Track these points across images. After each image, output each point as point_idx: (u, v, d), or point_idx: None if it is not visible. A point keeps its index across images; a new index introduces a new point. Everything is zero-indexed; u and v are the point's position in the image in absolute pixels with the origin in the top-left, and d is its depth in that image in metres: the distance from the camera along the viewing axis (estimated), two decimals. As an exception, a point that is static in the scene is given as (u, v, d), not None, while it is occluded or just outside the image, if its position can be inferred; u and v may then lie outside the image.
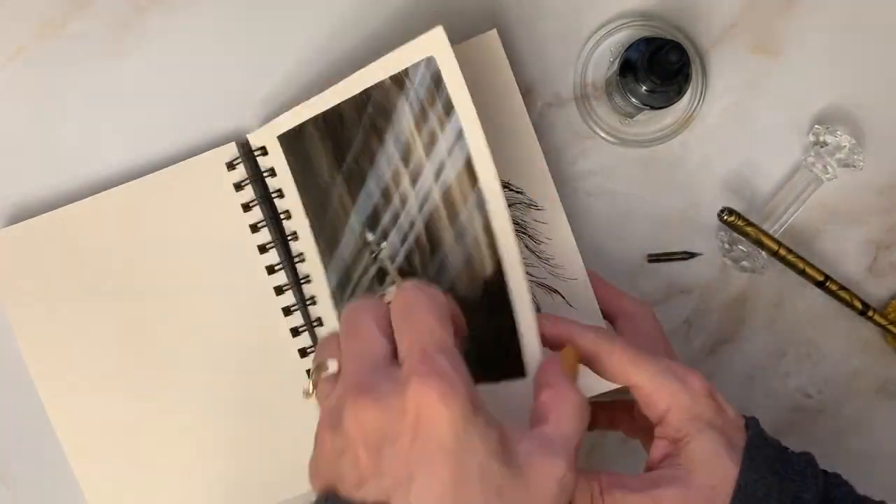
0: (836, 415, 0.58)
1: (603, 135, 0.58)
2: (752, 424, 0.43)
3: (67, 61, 0.59)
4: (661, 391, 0.42)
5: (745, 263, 0.56)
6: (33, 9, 0.59)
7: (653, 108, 0.54)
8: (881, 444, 0.58)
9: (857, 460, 0.57)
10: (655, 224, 0.58)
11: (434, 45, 0.46)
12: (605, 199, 0.58)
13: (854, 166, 0.55)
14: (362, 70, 0.49)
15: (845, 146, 0.55)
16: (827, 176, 0.56)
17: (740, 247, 0.56)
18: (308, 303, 0.53)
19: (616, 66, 0.55)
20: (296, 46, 0.59)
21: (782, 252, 0.54)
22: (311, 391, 0.40)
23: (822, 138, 0.55)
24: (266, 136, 0.53)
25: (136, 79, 0.59)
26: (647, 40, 0.54)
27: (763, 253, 0.55)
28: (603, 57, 0.57)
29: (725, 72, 0.57)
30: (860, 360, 0.58)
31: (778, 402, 0.58)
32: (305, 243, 0.52)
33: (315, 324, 0.53)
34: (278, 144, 0.53)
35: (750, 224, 0.54)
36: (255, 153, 0.54)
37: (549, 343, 0.44)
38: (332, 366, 0.39)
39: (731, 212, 0.54)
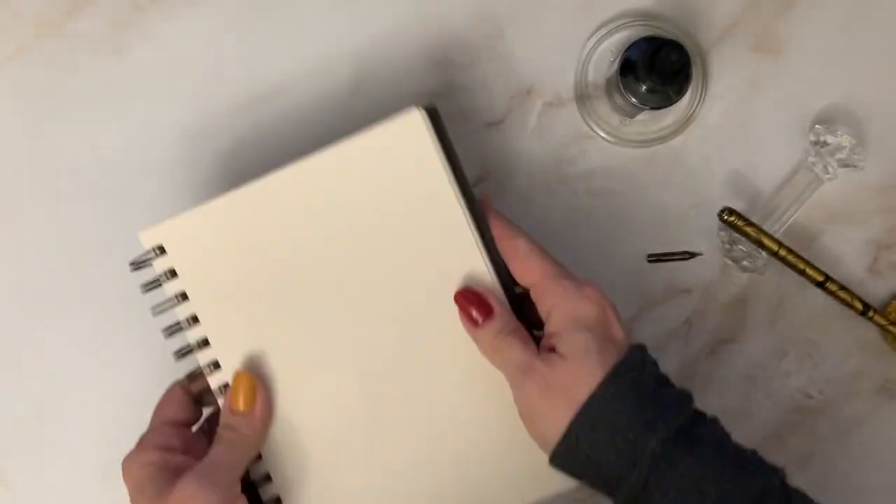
0: (836, 415, 0.58)
1: (603, 135, 0.57)
2: (635, 350, 0.45)
3: (67, 61, 0.60)
4: (553, 289, 0.46)
5: (745, 263, 0.56)
6: (33, 9, 0.60)
7: (653, 107, 0.54)
8: (881, 444, 0.58)
9: (857, 460, 0.57)
10: (655, 224, 0.58)
11: (411, 125, 0.48)
12: (605, 199, 0.58)
13: (854, 166, 0.55)
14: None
15: (846, 146, 0.55)
16: (827, 176, 0.56)
17: (740, 247, 0.56)
18: None
19: (616, 65, 0.55)
20: (296, 46, 0.59)
21: (782, 252, 0.54)
22: None
23: (822, 138, 0.55)
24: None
25: (136, 78, 0.59)
26: (647, 40, 0.54)
27: (763, 253, 0.55)
28: (603, 57, 0.57)
29: (726, 72, 0.57)
30: (860, 360, 0.58)
31: (778, 402, 0.58)
32: None
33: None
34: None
35: (750, 224, 0.54)
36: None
37: None
38: None
39: (731, 212, 0.54)
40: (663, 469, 0.41)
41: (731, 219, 0.54)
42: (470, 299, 0.47)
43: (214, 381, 0.50)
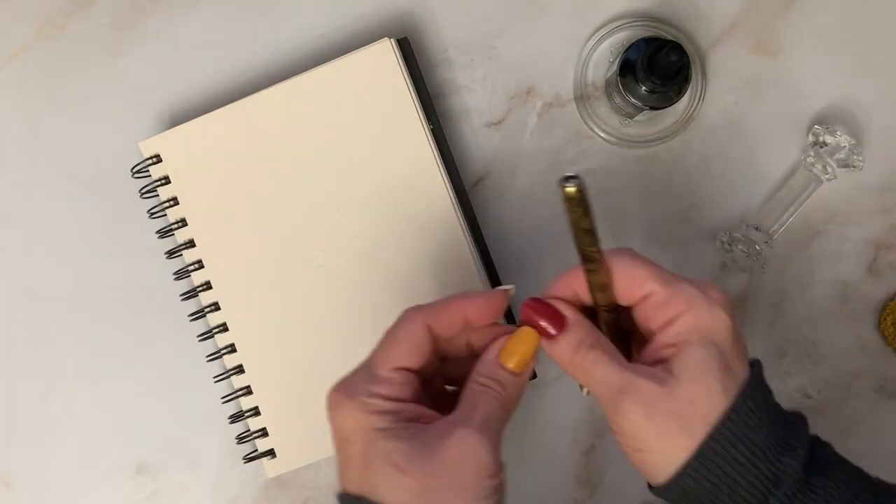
0: (836, 415, 0.58)
1: (603, 135, 0.58)
2: (756, 364, 0.41)
3: (68, 61, 0.60)
4: (677, 297, 0.39)
5: (745, 263, 0.56)
6: (34, 9, 0.60)
7: (653, 108, 0.54)
8: (881, 444, 0.58)
9: (858, 460, 0.57)
10: (655, 224, 0.58)
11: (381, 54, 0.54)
12: (606, 199, 0.58)
13: (854, 166, 0.55)
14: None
15: (845, 146, 0.55)
16: (826, 176, 0.56)
17: (740, 247, 0.56)
18: None
19: (616, 66, 0.55)
20: (296, 46, 0.59)
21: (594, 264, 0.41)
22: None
23: (821, 138, 0.55)
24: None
25: (136, 78, 0.60)
26: (647, 40, 0.54)
27: (763, 253, 0.55)
28: (603, 57, 0.57)
29: (725, 72, 0.58)
30: (860, 360, 0.58)
31: (778, 402, 0.58)
32: None
33: None
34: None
35: (587, 213, 0.38)
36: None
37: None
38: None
39: (579, 190, 0.37)
40: (805, 492, 0.38)
41: (573, 191, 0.37)
42: (538, 311, 0.41)
43: (198, 278, 0.57)
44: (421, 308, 0.43)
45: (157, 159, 0.57)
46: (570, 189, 0.37)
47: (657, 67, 0.51)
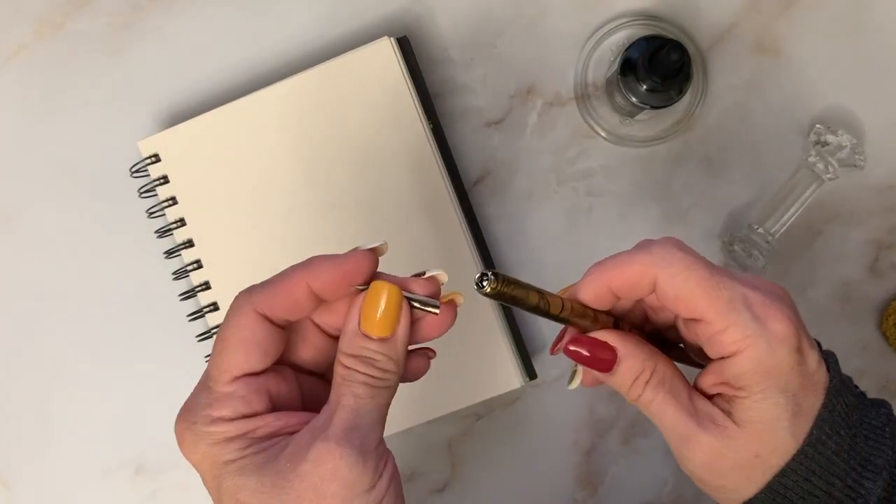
0: (836, 415, 0.57)
1: (603, 134, 0.57)
2: (831, 380, 0.36)
3: (67, 60, 0.60)
4: (733, 331, 0.34)
5: (745, 263, 0.56)
6: (33, 8, 0.59)
7: (653, 107, 0.54)
8: (882, 444, 0.57)
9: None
10: (655, 224, 0.58)
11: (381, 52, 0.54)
12: (605, 199, 0.58)
13: (855, 166, 0.55)
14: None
15: (846, 146, 0.55)
16: (828, 175, 0.55)
17: (741, 247, 0.56)
18: None
19: (616, 65, 0.54)
20: (296, 46, 0.59)
21: (564, 314, 0.37)
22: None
23: (823, 138, 0.55)
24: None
25: (136, 78, 0.59)
26: (647, 39, 0.54)
27: (762, 254, 0.55)
28: (603, 56, 0.57)
29: (726, 71, 0.57)
30: (860, 360, 0.58)
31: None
32: None
33: None
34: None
35: (517, 285, 0.35)
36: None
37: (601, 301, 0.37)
38: None
39: (496, 278, 0.33)
40: None
41: (495, 286, 0.34)
42: (584, 344, 0.37)
43: (197, 278, 0.56)
44: (250, 292, 0.35)
45: (156, 158, 0.57)
46: (487, 290, 0.33)
47: (658, 66, 0.50)
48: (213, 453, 0.34)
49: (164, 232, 0.57)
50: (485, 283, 0.33)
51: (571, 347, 0.37)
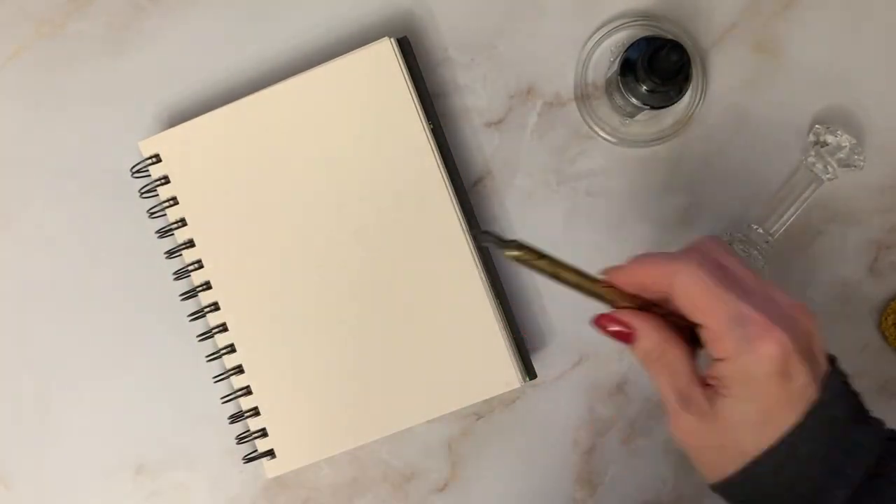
0: (836, 415, 0.58)
1: (603, 135, 0.57)
2: (826, 393, 0.40)
3: (67, 60, 0.60)
4: (726, 340, 0.39)
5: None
6: (33, 8, 0.60)
7: (653, 107, 0.54)
8: (881, 444, 0.57)
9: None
10: (655, 224, 0.58)
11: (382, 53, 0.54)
12: (605, 199, 0.58)
13: (854, 166, 0.55)
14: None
15: (846, 146, 0.55)
16: (827, 176, 0.56)
17: (741, 246, 0.56)
18: None
19: (616, 65, 0.54)
20: (296, 46, 0.59)
21: (587, 284, 0.43)
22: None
23: (822, 138, 0.55)
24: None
25: (136, 78, 0.59)
26: (647, 40, 0.54)
27: (762, 255, 0.55)
28: (603, 57, 0.57)
29: (725, 72, 0.57)
30: (860, 360, 0.58)
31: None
32: None
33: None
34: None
35: (543, 257, 0.41)
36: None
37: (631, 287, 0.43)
38: None
39: (519, 245, 0.41)
40: None
41: (519, 254, 0.41)
42: (611, 321, 0.43)
43: (198, 278, 0.57)
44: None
45: (157, 159, 0.57)
46: (512, 253, 0.39)
47: (658, 67, 0.50)
48: None
49: (164, 232, 0.57)
50: (514, 251, 0.40)
51: (598, 320, 0.43)
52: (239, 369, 0.57)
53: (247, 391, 0.57)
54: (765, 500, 0.40)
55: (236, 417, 0.57)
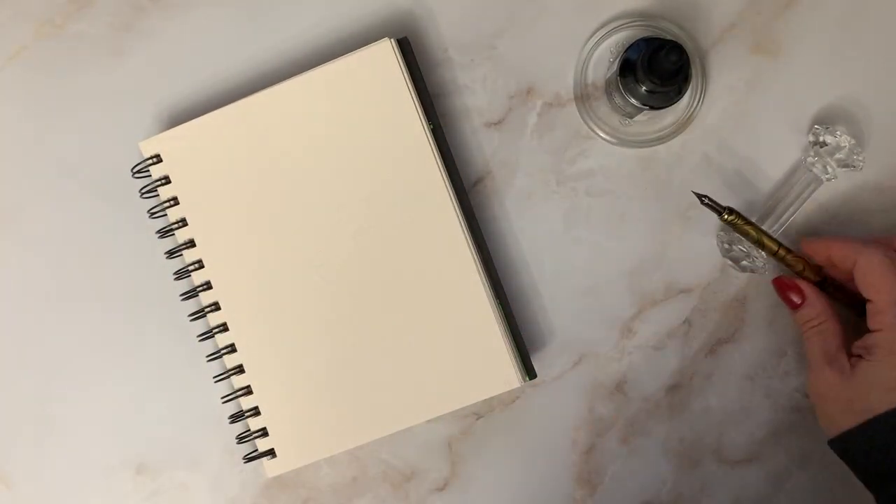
0: (835, 414, 0.58)
1: (603, 135, 0.58)
2: None
3: (67, 61, 0.60)
4: (883, 316, 0.50)
5: (745, 263, 0.56)
6: (33, 8, 0.60)
7: (653, 108, 0.54)
8: (881, 443, 0.58)
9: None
10: (655, 224, 0.58)
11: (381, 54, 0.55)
12: (605, 199, 0.58)
13: (854, 166, 0.55)
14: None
15: (845, 146, 0.55)
16: (827, 176, 0.56)
17: (740, 247, 0.56)
18: None
19: (616, 66, 0.55)
20: (296, 46, 0.59)
21: (782, 252, 0.55)
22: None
23: (821, 138, 0.55)
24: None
25: (136, 78, 0.60)
26: (646, 40, 0.54)
27: (762, 253, 0.55)
28: (603, 57, 0.57)
29: (725, 72, 0.57)
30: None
31: (778, 402, 0.58)
32: None
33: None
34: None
35: (750, 223, 0.54)
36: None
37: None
38: None
39: (731, 211, 0.54)
40: None
41: (732, 218, 0.54)
42: (787, 285, 0.54)
43: (198, 278, 0.57)
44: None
45: (158, 159, 0.57)
46: (727, 218, 0.53)
47: (657, 67, 0.51)
48: None
49: (165, 232, 0.57)
50: (728, 216, 0.54)
51: (778, 281, 0.55)
52: (239, 369, 0.57)
53: (247, 391, 0.57)
54: (875, 453, 0.48)
55: (236, 417, 0.57)
